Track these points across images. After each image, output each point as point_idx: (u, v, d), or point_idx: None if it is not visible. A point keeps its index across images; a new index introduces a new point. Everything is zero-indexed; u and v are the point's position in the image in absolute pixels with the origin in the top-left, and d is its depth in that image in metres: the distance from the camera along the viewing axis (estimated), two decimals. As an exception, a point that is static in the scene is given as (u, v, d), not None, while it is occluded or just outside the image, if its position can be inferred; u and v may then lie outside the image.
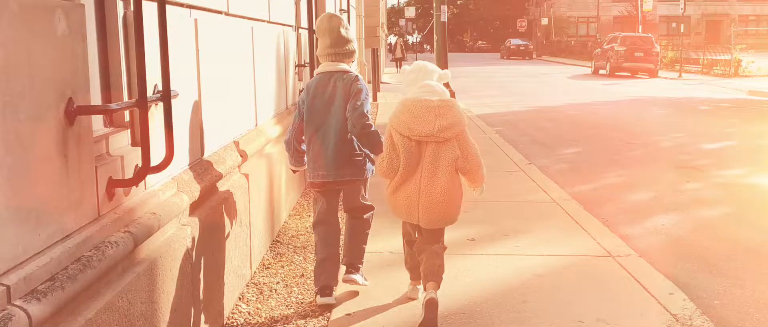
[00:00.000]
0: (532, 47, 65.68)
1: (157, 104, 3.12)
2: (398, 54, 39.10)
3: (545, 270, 5.22)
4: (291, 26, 7.79)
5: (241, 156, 4.82)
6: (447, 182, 4.05)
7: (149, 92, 3.08)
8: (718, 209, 7.64)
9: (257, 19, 5.80)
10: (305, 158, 4.55)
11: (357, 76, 4.40)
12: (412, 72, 4.27)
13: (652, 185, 8.80)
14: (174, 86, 3.52)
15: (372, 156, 4.45)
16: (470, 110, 17.56)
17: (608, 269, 5.27)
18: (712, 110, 18.70)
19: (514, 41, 66.35)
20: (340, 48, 4.41)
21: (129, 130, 3.11)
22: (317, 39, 4.55)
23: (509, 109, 18.99)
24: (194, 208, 3.72)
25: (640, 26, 42.75)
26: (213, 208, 3.98)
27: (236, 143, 4.87)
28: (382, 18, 41.71)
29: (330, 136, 4.33)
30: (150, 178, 3.18)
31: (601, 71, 36.14)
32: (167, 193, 3.34)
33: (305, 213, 6.90)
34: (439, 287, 4.11)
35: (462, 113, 4.16)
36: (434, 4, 14.16)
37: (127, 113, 3.12)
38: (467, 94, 23.78)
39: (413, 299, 4.50)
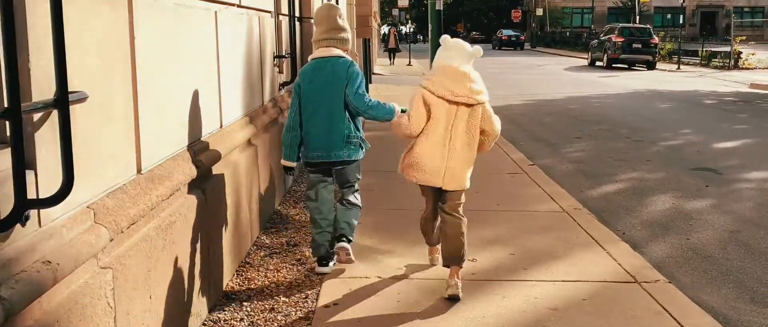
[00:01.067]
0: (523, 38, 64.84)
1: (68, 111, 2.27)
2: (391, 44, 37.75)
3: (562, 301, 4.39)
4: (269, 12, 6.92)
5: (197, 166, 3.97)
6: (472, 146, 4.42)
7: (45, 95, 2.24)
8: (748, 220, 6.83)
9: (223, 2, 4.93)
10: (300, 149, 4.72)
11: (352, 61, 4.63)
12: (452, 49, 4.43)
13: (669, 191, 7.99)
14: (97, 84, 2.67)
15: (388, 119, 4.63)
16: (465, 104, 16.71)
17: (635, 300, 4.44)
18: (718, 104, 17.91)
19: (506, 32, 65.56)
20: (336, 34, 4.64)
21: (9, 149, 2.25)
22: (312, 27, 4.78)
23: (506, 102, 18.14)
24: (122, 242, 2.88)
25: (637, 17, 41.89)
26: (149, 240, 3.12)
27: (191, 151, 4.01)
28: (375, 7, 40.82)
29: (327, 118, 4.54)
30: (50, 212, 2.33)
31: (598, 63, 35.32)
32: (75, 230, 2.49)
33: (283, 227, 6.05)
34: (461, 268, 4.45)
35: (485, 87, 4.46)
36: (428, -8, 13.31)
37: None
38: (462, 86, 22.91)
39: (433, 264, 4.90)
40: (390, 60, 36.45)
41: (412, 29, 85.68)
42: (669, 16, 79.70)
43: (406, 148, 4.50)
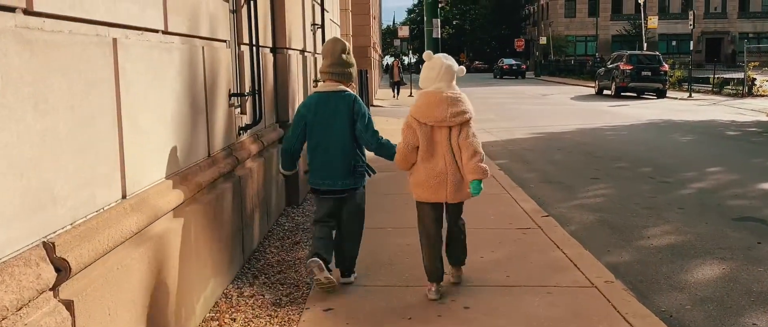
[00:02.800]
0: (525, 66, 63.81)
1: None
2: (395, 77, 35.48)
3: None
4: (223, 41, 5.63)
5: (64, 269, 2.64)
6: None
7: None
8: (820, 291, 5.46)
9: (131, 27, 3.62)
10: (299, 163, 5.24)
11: (355, 97, 4.89)
12: (433, 70, 4.73)
13: (714, 250, 6.62)
14: None
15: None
16: (468, 139, 15.38)
17: None
18: (742, 136, 16.56)
19: (507, 61, 64.75)
20: (340, 69, 4.91)
21: None
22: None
23: (511, 135, 16.85)
24: None
25: (644, 44, 40.71)
26: None
27: (50, 246, 2.67)
28: (375, 38, 39.67)
29: (333, 150, 4.85)
30: None
31: (606, 91, 34.09)
32: None
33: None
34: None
35: (470, 105, 4.76)
36: (425, 19, 12.06)
37: None
38: (464, 118, 21.61)
39: (433, 299, 4.84)
40: (394, 94, 34.60)
41: (415, 59, 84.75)
42: (674, 42, 78.78)
43: (410, 172, 4.82)
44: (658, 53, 35.08)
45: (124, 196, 3.45)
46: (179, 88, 4.35)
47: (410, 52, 53.92)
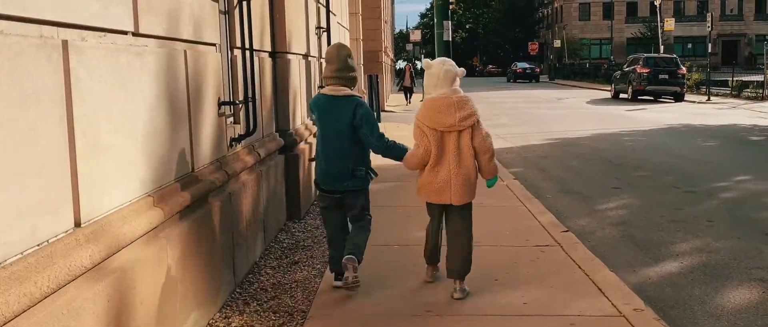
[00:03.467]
0: (538, 70, 63.08)
1: None
2: (406, 83, 34.40)
3: None
4: (211, 45, 5.15)
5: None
6: (471, 164, 4.88)
7: None
8: None
9: (85, 28, 3.13)
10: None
11: (360, 101, 4.90)
12: (433, 76, 4.89)
13: (750, 269, 6.06)
14: None
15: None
16: (482, 145, 14.84)
17: None
18: (766, 141, 15.93)
19: (520, 64, 64.06)
20: (345, 73, 4.92)
21: None
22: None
23: (526, 141, 16.29)
24: None
25: (662, 47, 40.00)
26: None
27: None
28: (386, 42, 39.16)
29: (334, 153, 4.92)
30: None
31: (622, 95, 33.43)
32: None
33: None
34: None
35: (475, 106, 4.92)
36: (435, 21, 11.54)
37: None
38: (478, 124, 21.06)
39: (428, 282, 5.20)
40: (407, 99, 33.81)
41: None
42: (690, 45, 77.90)
43: (418, 174, 4.96)
44: (675, 56, 34.39)
45: (77, 225, 2.96)
46: (154, 97, 3.85)
47: (422, 56, 53.43)
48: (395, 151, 4.98)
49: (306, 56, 8.97)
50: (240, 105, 5.74)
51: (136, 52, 3.65)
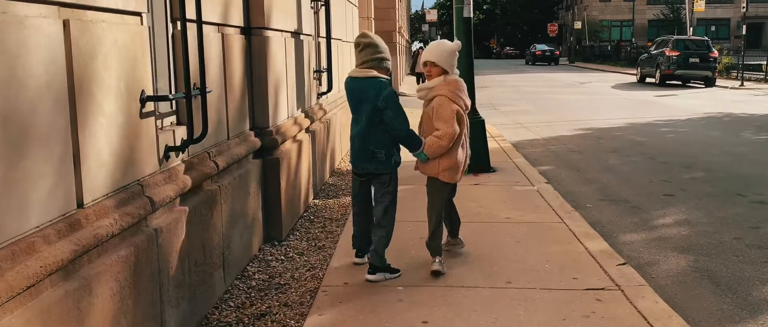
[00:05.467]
0: (558, 53, 60.99)
1: None
2: (419, 68, 31.55)
3: None
4: (133, 14, 3.53)
5: None
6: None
7: None
8: None
9: None
10: None
11: (384, 83, 4.83)
12: (456, 54, 5.04)
13: None
14: None
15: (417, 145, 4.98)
16: (502, 135, 13.19)
17: None
18: (825, 134, 14.17)
19: (540, 46, 62.03)
20: (370, 56, 4.88)
21: None
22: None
23: (552, 132, 14.61)
24: None
25: (691, 28, 37.97)
26: None
27: None
28: (401, 22, 37.33)
29: (358, 134, 4.90)
30: None
31: (649, 79, 31.54)
32: None
33: None
34: None
35: None
36: (454, -6, 9.83)
37: None
38: (495, 108, 19.41)
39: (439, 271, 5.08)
40: (420, 84, 31.07)
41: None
42: (713, 27, 75.41)
43: (440, 157, 4.97)
44: (706, 38, 32.42)
45: None
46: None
47: (439, 37, 51.54)
48: (415, 139, 4.92)
49: (296, 34, 7.34)
50: (178, 99, 4.12)
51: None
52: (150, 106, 3.69)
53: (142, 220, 3.44)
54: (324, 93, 9.00)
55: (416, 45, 66.42)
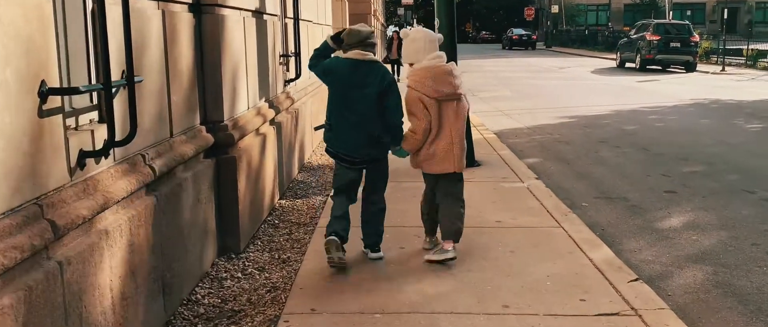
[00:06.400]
0: (535, 37, 60.34)
1: None
2: (393, 54, 25.70)
3: None
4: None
5: None
6: (464, 130, 4.86)
7: None
8: None
9: None
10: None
11: (387, 69, 4.79)
12: (419, 41, 4.80)
13: None
14: None
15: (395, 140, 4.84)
16: (483, 125, 12.43)
17: None
18: (820, 122, 13.58)
19: (517, 31, 61.28)
20: (369, 42, 4.74)
21: None
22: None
23: (535, 120, 13.89)
24: None
25: (670, 13, 37.50)
26: None
27: None
28: (376, 5, 36.36)
29: (359, 118, 4.65)
30: None
31: (629, 64, 30.91)
32: None
33: None
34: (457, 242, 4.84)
35: None
36: (435, -27, 9.02)
37: None
38: (474, 95, 18.59)
39: (427, 249, 5.05)
40: (395, 72, 24.56)
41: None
42: (688, 12, 75.18)
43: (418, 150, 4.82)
44: (687, 22, 31.85)
45: None
46: None
47: (414, 21, 50.57)
48: (401, 132, 4.82)
49: (259, 13, 6.50)
50: (95, 91, 3.28)
51: None
52: (55, 100, 2.86)
53: (39, 252, 2.62)
54: (292, 80, 8.16)
55: (391, 29, 65.67)
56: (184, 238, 4.31)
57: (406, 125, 4.84)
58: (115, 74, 3.36)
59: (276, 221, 6.15)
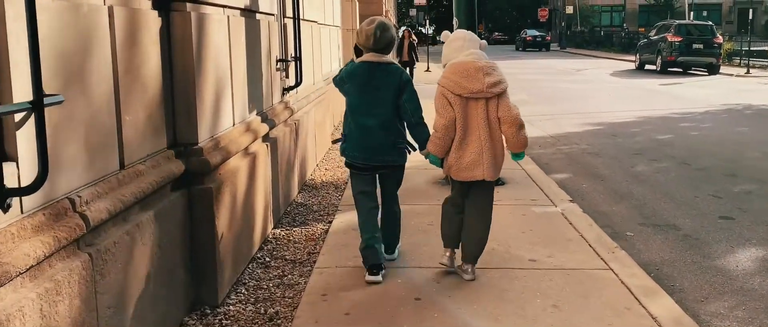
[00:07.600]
0: (549, 38, 59.27)
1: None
2: (406, 57, 25.30)
3: None
4: None
5: None
6: (500, 136, 4.44)
7: None
8: None
9: None
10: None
11: (403, 70, 4.70)
12: (458, 40, 4.58)
13: None
14: None
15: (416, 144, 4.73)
16: (505, 134, 11.38)
17: None
18: None
19: (530, 32, 60.32)
20: (383, 43, 4.61)
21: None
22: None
23: (559, 128, 12.87)
24: None
25: (690, 13, 36.34)
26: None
27: None
28: (388, 5, 35.37)
29: (376, 124, 4.55)
30: None
31: (649, 66, 29.81)
32: None
33: None
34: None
35: (503, 73, 4.48)
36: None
37: None
38: (494, 102, 17.50)
39: (444, 265, 4.63)
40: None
41: (431, 32, 79.79)
42: (705, 12, 73.85)
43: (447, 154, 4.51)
44: (710, 23, 30.68)
45: None
46: None
47: (427, 22, 49.42)
48: (425, 130, 4.61)
49: (249, 12, 5.53)
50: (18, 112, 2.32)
51: None
52: None
53: None
54: (292, 87, 7.19)
55: (401, 30, 64.49)
56: (138, 300, 3.34)
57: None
58: (26, 93, 2.39)
59: (267, 258, 5.17)
